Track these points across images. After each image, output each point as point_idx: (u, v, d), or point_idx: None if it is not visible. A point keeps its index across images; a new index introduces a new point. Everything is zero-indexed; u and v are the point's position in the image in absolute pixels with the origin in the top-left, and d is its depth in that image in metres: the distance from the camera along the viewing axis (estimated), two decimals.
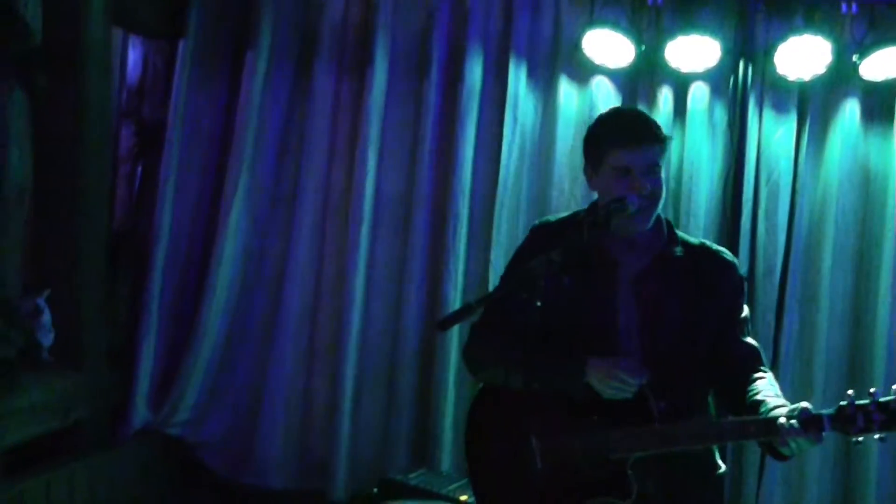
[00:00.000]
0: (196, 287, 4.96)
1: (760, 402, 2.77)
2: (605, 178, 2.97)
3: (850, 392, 2.62)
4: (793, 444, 2.63)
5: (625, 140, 2.91)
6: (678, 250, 3.03)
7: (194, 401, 4.89)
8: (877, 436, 2.58)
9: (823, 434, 2.59)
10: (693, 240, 3.12)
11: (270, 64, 4.97)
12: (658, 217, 3.04)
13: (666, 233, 3.08)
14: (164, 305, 4.85)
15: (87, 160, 4.28)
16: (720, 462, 3.10)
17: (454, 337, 4.85)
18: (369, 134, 4.94)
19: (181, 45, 4.86)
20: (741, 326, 3.04)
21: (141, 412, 4.76)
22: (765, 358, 3.06)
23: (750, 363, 2.99)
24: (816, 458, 4.80)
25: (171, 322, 4.92)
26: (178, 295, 4.96)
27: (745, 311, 3.07)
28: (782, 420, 2.62)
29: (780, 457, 2.75)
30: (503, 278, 3.25)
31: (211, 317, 4.88)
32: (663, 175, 3.01)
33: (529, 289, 2.63)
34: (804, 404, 2.64)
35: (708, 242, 3.15)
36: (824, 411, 2.61)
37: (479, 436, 3.14)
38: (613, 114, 3.15)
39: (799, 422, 2.59)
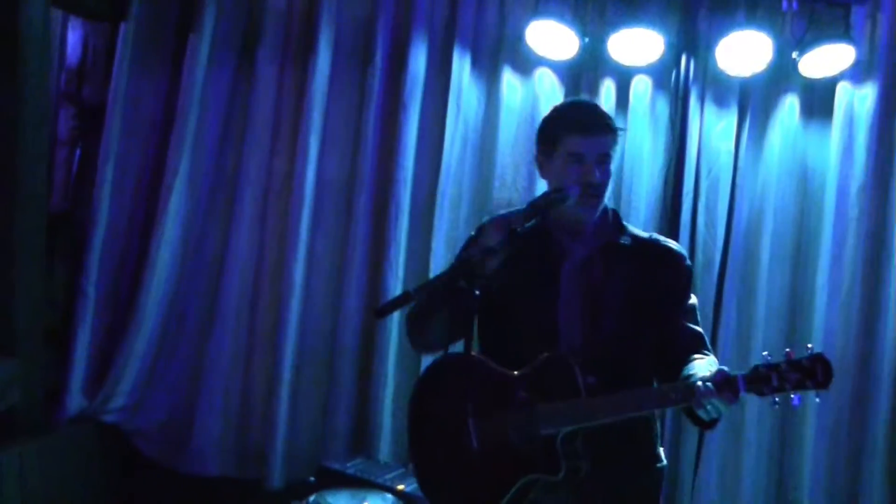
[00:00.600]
0: (134, 272, 4.99)
1: (690, 375, 2.84)
2: (556, 164, 3.03)
3: (765, 353, 2.71)
4: (709, 407, 2.69)
5: (580, 127, 2.99)
6: (624, 240, 3.10)
7: (130, 387, 4.91)
8: (792, 395, 2.64)
9: (740, 395, 2.65)
10: (642, 233, 3.19)
11: (213, 49, 5.02)
12: (605, 207, 3.12)
13: (612, 223, 3.14)
14: (102, 290, 4.88)
15: (25, 143, 4.29)
16: (661, 455, 3.15)
17: (394, 326, 4.92)
18: (312, 121, 5.00)
19: (122, 27, 4.89)
20: (687, 315, 3.09)
21: (76, 398, 4.78)
22: (709, 343, 3.11)
23: (693, 347, 3.04)
24: (752, 449, 4.91)
25: (109, 307, 4.95)
26: (115, 280, 4.99)
27: (693, 300, 3.13)
28: (700, 383, 2.69)
29: (702, 423, 2.82)
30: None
31: (149, 302, 4.91)
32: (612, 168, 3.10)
33: (468, 277, 2.68)
34: (722, 367, 2.72)
35: (658, 236, 3.22)
36: (739, 372, 2.67)
37: (420, 422, 3.21)
38: (571, 103, 3.23)
39: (714, 383, 2.66)
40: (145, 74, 4.99)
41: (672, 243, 3.19)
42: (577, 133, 2.98)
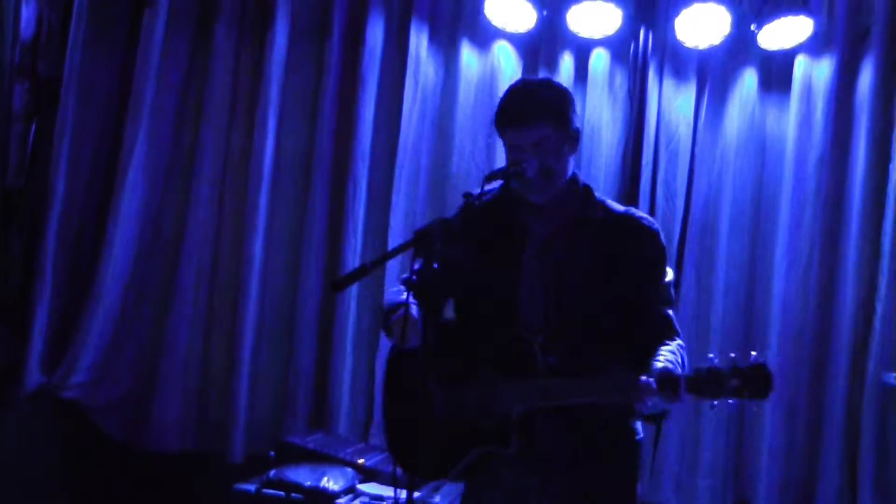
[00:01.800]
0: (92, 247, 5.10)
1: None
2: (506, 151, 3.13)
3: (710, 355, 2.76)
4: (649, 403, 2.78)
5: (508, 119, 3.08)
6: (593, 214, 3.13)
7: (90, 363, 5.00)
8: (731, 401, 2.69)
9: (681, 395, 2.70)
10: (618, 207, 3.22)
11: (169, 23, 5.11)
12: (577, 183, 3.17)
13: (581, 197, 3.17)
14: (59, 265, 4.96)
15: None
16: (638, 428, 3.19)
17: (352, 300, 5.09)
18: (270, 96, 5.13)
19: (76, 1, 4.98)
20: (659, 294, 3.14)
21: (34, 374, 4.87)
22: (677, 326, 3.14)
23: (661, 331, 3.07)
24: (711, 419, 5.03)
25: (67, 282, 5.04)
26: (73, 255, 5.08)
27: (668, 277, 3.21)
28: (643, 378, 2.77)
29: (643, 416, 2.96)
30: None
31: (107, 277, 5.01)
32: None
33: (426, 250, 2.74)
34: (667, 365, 2.79)
35: (634, 210, 3.24)
36: (682, 372, 2.75)
37: (392, 386, 3.34)
38: (508, 91, 3.23)
39: (656, 381, 2.74)
40: (100, 48, 5.08)
41: (645, 218, 3.19)
42: (509, 125, 3.08)
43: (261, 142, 5.13)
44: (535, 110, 3.06)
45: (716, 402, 2.72)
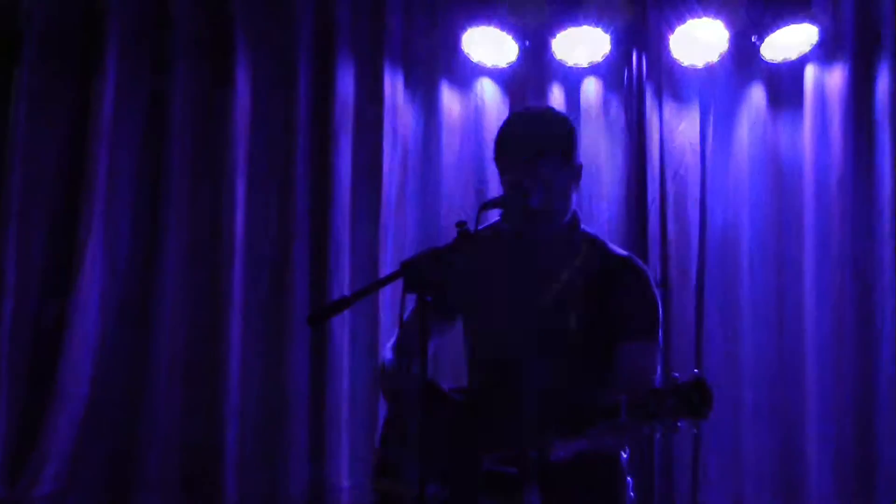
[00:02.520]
0: (51, 341, 4.74)
1: None
2: (503, 184, 3.07)
3: (675, 374, 2.59)
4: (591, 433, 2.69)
5: (508, 154, 3.02)
6: (593, 256, 3.08)
7: (55, 471, 4.63)
8: (671, 421, 2.53)
9: (620, 421, 2.58)
10: (618, 251, 3.15)
11: (119, 90, 4.84)
12: (574, 221, 3.12)
13: (580, 237, 3.13)
14: (15, 364, 4.65)
15: None
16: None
17: (344, 373, 4.81)
18: (235, 158, 4.86)
19: (16, 73, 4.74)
20: (633, 353, 3.00)
21: None
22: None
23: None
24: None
25: (25, 382, 4.72)
26: (30, 352, 4.75)
27: (653, 340, 3.03)
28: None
29: None
30: None
31: (69, 375, 4.67)
32: None
33: (417, 285, 2.60)
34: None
35: (621, 255, 3.14)
36: (623, 396, 2.59)
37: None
38: (508, 120, 3.19)
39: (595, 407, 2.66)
40: (46, 123, 4.80)
41: (632, 263, 3.12)
42: (509, 160, 3.02)
43: (229, 212, 4.84)
44: (537, 145, 2.97)
45: (661, 429, 2.58)
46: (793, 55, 4.83)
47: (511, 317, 3.02)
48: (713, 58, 4.82)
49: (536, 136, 3.00)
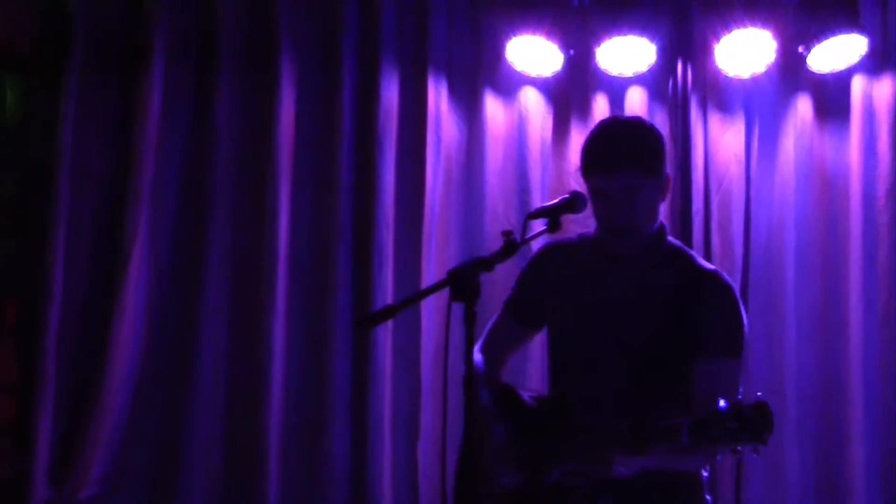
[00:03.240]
0: (96, 345, 4.80)
1: None
2: (590, 196, 3.05)
3: (721, 402, 2.57)
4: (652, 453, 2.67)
5: (596, 165, 3.01)
6: (678, 269, 3.09)
7: (102, 473, 4.70)
8: (732, 445, 2.52)
9: (682, 444, 2.57)
10: (706, 265, 3.15)
11: (165, 95, 4.90)
12: (661, 233, 3.14)
13: (667, 250, 3.15)
14: (62, 367, 4.71)
15: None
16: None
17: (386, 380, 4.83)
18: (280, 164, 4.88)
19: (64, 79, 4.80)
20: (711, 372, 2.97)
21: (41, 489, 4.60)
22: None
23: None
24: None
25: (71, 385, 4.78)
26: (76, 355, 4.81)
27: (731, 357, 3.01)
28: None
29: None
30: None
31: (115, 377, 4.73)
32: None
33: (462, 294, 2.61)
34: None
35: (707, 269, 3.14)
36: (686, 419, 2.58)
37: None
38: (596, 131, 3.16)
39: (655, 430, 2.64)
40: (93, 129, 4.86)
41: (717, 277, 3.11)
42: (597, 171, 3.02)
43: (273, 217, 4.88)
44: (629, 155, 2.97)
45: (719, 455, 2.63)
46: (840, 66, 4.80)
47: (592, 327, 3.08)
48: (759, 68, 4.80)
49: (625, 145, 3.00)
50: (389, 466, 4.86)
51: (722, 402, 2.51)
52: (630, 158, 2.96)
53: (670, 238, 3.18)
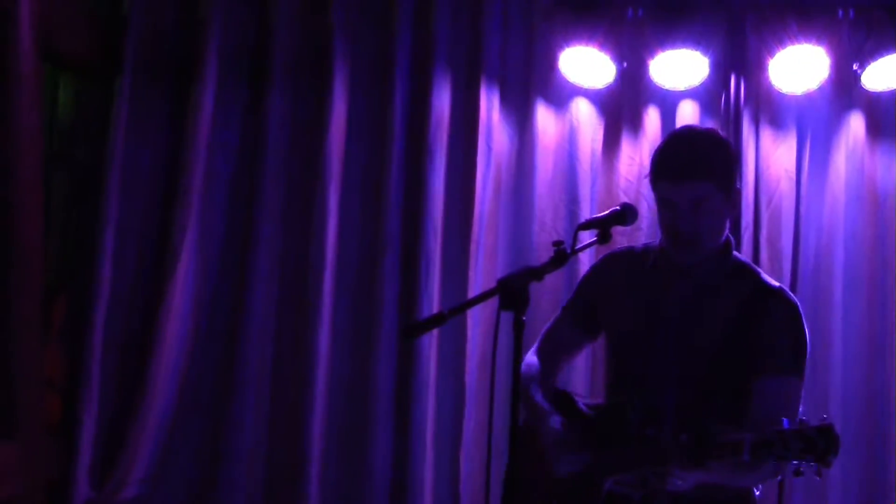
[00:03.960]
0: (141, 345, 4.86)
1: None
2: (657, 204, 3.08)
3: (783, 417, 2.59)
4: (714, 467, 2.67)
5: (669, 173, 3.00)
6: (741, 286, 3.07)
7: (143, 474, 4.74)
8: (794, 463, 2.52)
9: (743, 459, 2.57)
10: (771, 282, 3.12)
11: (218, 100, 4.95)
12: (727, 247, 3.12)
13: (732, 265, 3.13)
14: (107, 367, 4.75)
15: (18, 209, 4.24)
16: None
17: (430, 387, 4.86)
18: (330, 171, 4.93)
19: (117, 81, 4.87)
20: (768, 392, 2.97)
21: (83, 489, 4.63)
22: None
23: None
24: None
25: (115, 385, 4.83)
26: (121, 355, 4.85)
27: (791, 379, 2.99)
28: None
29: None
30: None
31: (159, 378, 4.77)
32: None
33: (510, 302, 2.64)
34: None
35: (773, 286, 3.11)
36: (748, 434, 2.58)
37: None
38: (668, 139, 3.18)
39: (718, 444, 2.63)
40: (144, 130, 4.91)
41: (782, 294, 3.08)
42: (666, 179, 3.00)
43: (321, 222, 4.92)
44: (699, 165, 2.97)
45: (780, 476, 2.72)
46: (894, 85, 4.82)
47: (655, 338, 3.07)
48: (813, 85, 4.82)
49: (697, 155, 2.99)
50: (431, 475, 4.89)
51: (786, 422, 2.51)
52: (700, 168, 2.96)
53: (736, 253, 3.18)
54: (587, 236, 2.99)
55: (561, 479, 3.00)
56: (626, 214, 2.94)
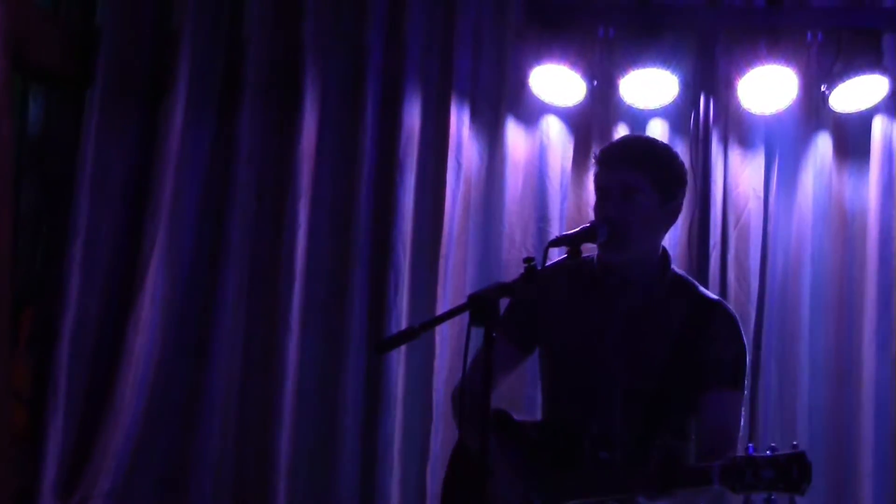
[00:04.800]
0: (109, 358, 4.88)
1: None
2: (595, 197, 3.13)
3: (749, 444, 2.61)
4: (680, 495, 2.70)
5: (601, 160, 3.09)
6: (665, 296, 3.12)
7: (110, 487, 4.76)
8: (766, 494, 2.52)
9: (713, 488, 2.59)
10: (710, 295, 3.19)
11: (189, 113, 4.99)
12: (664, 261, 3.16)
13: (669, 279, 3.17)
14: (74, 379, 4.77)
15: None
16: None
17: (398, 402, 4.90)
18: (300, 185, 4.97)
19: (88, 93, 4.90)
20: (721, 403, 3.03)
21: (48, 501, 4.65)
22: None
23: (709, 445, 2.96)
24: None
25: (83, 397, 4.84)
26: (89, 367, 4.87)
27: (737, 389, 3.06)
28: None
29: None
30: None
31: (127, 391, 4.79)
32: None
33: (479, 317, 2.63)
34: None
35: (710, 299, 3.17)
36: (717, 462, 2.59)
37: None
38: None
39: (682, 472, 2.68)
40: (114, 142, 4.95)
41: (722, 308, 3.15)
42: (601, 165, 3.09)
43: (291, 237, 4.96)
44: (633, 155, 3.07)
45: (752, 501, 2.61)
46: (862, 106, 4.85)
47: (595, 354, 3.08)
48: (781, 105, 4.85)
49: (632, 146, 3.12)
50: (398, 490, 4.91)
51: (751, 448, 2.54)
52: (633, 158, 3.04)
53: (674, 267, 3.21)
54: (557, 253, 3.01)
55: (503, 501, 2.98)
56: (597, 231, 2.96)
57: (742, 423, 3.04)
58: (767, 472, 2.48)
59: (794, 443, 2.57)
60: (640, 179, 3.00)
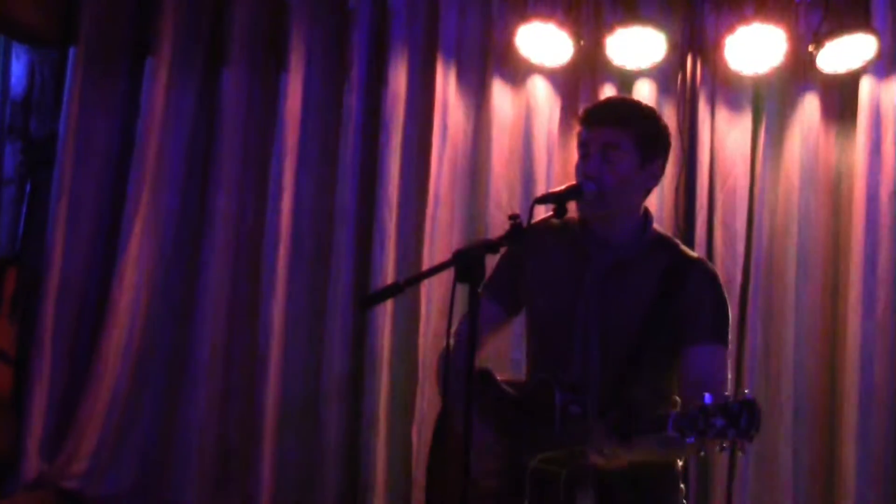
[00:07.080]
0: (94, 320, 4.94)
1: None
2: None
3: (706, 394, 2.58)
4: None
5: (584, 118, 3.09)
6: (645, 253, 3.11)
7: (93, 449, 4.83)
8: (723, 444, 2.52)
9: (667, 435, 2.59)
10: (690, 253, 3.18)
11: (173, 72, 5.03)
12: (645, 220, 3.16)
13: (639, 231, 3.15)
14: (59, 341, 4.83)
15: None
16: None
17: (384, 362, 4.93)
18: (285, 148, 5.01)
19: (71, 52, 4.91)
20: (702, 357, 3.02)
21: (33, 462, 4.72)
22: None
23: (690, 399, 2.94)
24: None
25: (67, 360, 4.90)
26: (74, 329, 4.94)
27: (721, 344, 3.06)
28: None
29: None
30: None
31: (111, 354, 4.86)
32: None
33: (467, 276, 2.64)
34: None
35: (689, 255, 3.17)
36: (674, 411, 2.61)
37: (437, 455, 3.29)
38: None
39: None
40: (98, 102, 4.99)
41: (702, 264, 3.15)
42: (583, 124, 3.09)
43: (276, 197, 5.01)
44: (614, 113, 3.09)
45: (703, 450, 2.62)
46: (850, 66, 4.85)
47: (573, 314, 3.08)
48: (768, 66, 4.86)
49: (615, 105, 3.15)
50: (384, 449, 4.96)
51: (707, 397, 2.53)
52: (614, 115, 3.06)
53: (655, 226, 3.21)
54: (544, 211, 3.04)
55: (485, 459, 3.04)
56: (583, 189, 2.97)
57: (728, 377, 3.04)
58: (718, 419, 2.48)
59: (745, 391, 2.65)
60: (622, 136, 3.01)
